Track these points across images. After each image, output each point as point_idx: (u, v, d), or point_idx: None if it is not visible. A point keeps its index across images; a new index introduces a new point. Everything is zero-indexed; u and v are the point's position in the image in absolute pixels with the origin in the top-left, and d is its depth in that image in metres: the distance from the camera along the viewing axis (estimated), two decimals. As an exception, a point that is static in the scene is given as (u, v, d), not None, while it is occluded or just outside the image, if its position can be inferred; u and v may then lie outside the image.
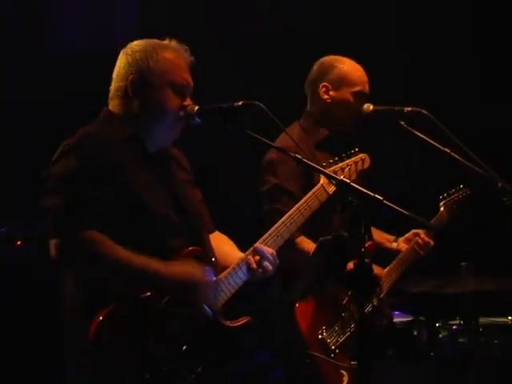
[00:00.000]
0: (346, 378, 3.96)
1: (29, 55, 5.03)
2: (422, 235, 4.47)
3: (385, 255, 4.44)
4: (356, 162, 3.84)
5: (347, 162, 3.81)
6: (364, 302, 3.06)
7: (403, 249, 4.47)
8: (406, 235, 4.52)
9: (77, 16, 5.10)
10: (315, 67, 4.44)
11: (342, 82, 4.35)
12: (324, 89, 4.37)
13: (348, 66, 4.38)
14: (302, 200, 3.65)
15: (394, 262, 4.41)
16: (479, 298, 4.57)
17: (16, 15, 5.04)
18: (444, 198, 4.66)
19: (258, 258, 3.37)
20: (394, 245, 4.48)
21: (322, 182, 3.72)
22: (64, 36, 5.06)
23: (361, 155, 3.89)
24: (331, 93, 4.35)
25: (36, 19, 5.08)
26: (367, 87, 4.37)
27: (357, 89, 4.33)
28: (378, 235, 4.48)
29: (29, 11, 5.06)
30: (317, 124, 4.38)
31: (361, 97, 4.33)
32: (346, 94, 4.33)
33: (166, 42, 3.43)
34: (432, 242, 4.48)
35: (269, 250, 3.39)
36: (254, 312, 3.40)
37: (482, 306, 4.63)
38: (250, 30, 5.48)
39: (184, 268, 3.19)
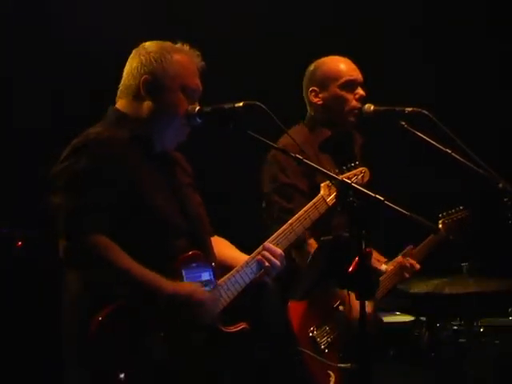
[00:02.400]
0: (332, 379, 3.95)
1: (30, 54, 5.02)
2: (408, 258, 4.46)
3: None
4: (356, 175, 3.85)
5: (347, 174, 3.81)
6: (362, 304, 3.03)
7: None
8: (396, 259, 4.49)
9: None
10: (304, 76, 4.46)
11: (326, 80, 4.35)
12: (313, 93, 4.38)
13: (328, 63, 4.39)
14: (302, 210, 3.66)
15: (386, 275, 4.40)
16: (480, 299, 4.57)
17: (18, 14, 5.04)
18: (443, 217, 4.67)
19: (267, 255, 3.39)
20: (384, 267, 4.44)
21: (322, 193, 3.74)
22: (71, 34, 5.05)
23: (361, 169, 3.90)
24: (320, 95, 4.37)
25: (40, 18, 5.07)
26: (355, 74, 4.35)
27: (342, 80, 4.32)
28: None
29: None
30: (319, 125, 4.39)
31: (350, 85, 4.33)
32: (334, 89, 4.33)
33: (179, 45, 3.43)
34: (418, 266, 4.46)
35: (277, 250, 3.43)
36: (251, 316, 3.41)
37: (482, 306, 4.64)
38: (253, 29, 5.48)
39: (187, 286, 3.19)
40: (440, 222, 4.66)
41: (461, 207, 4.71)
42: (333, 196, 3.72)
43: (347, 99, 4.31)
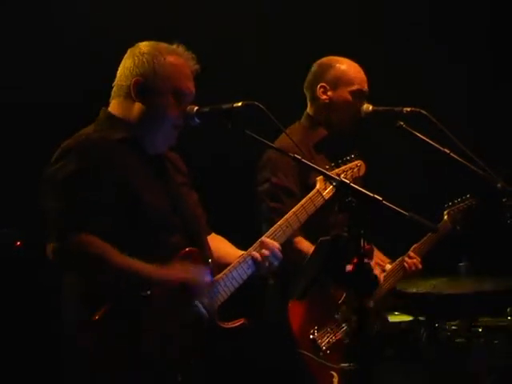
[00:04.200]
0: (336, 380, 3.95)
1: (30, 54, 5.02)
2: (412, 255, 4.47)
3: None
4: (352, 169, 3.87)
5: (343, 168, 3.83)
6: (361, 303, 3.03)
7: None
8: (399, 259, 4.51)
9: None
10: (313, 68, 4.46)
11: (339, 81, 4.35)
12: (322, 89, 4.38)
13: (345, 66, 4.39)
14: (299, 204, 3.68)
15: (388, 272, 4.41)
16: (478, 299, 4.57)
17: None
18: (448, 207, 4.65)
19: (263, 251, 3.40)
20: (388, 267, 4.46)
21: (317, 187, 3.75)
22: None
23: (356, 162, 3.91)
24: (329, 93, 4.37)
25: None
26: (365, 86, 4.37)
27: (354, 88, 4.33)
28: (375, 253, 4.47)
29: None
30: (316, 124, 4.39)
31: (359, 96, 4.34)
32: (344, 93, 4.34)
33: (174, 46, 3.42)
34: (420, 266, 4.46)
35: (275, 244, 3.44)
36: (249, 313, 3.41)
37: (481, 306, 4.64)
38: (253, 29, 5.48)
39: (180, 271, 3.19)
40: (445, 212, 4.63)
41: (467, 195, 4.68)
42: (329, 190, 3.74)
43: (353, 107, 4.31)
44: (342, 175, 3.78)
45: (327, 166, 3.75)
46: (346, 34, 5.55)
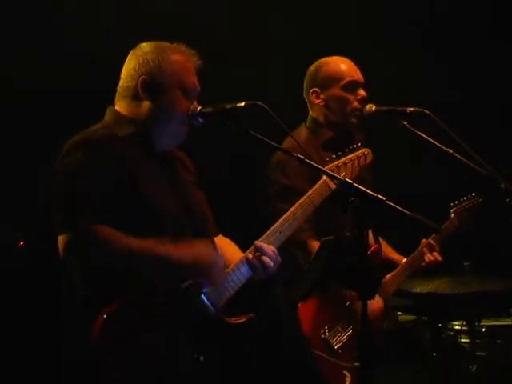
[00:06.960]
0: (348, 379, 3.94)
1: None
2: (432, 244, 4.47)
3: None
4: (359, 157, 3.81)
5: (350, 156, 3.78)
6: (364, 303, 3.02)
7: None
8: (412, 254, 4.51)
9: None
10: (305, 76, 4.46)
11: (328, 81, 4.36)
12: (314, 94, 4.39)
13: (330, 64, 4.40)
14: (305, 196, 3.62)
15: (400, 267, 4.41)
16: (482, 299, 4.57)
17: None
18: (455, 205, 4.65)
19: (258, 254, 3.36)
20: (403, 260, 4.47)
21: (324, 177, 3.70)
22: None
23: (363, 150, 3.85)
24: (322, 96, 4.38)
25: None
26: (356, 75, 4.36)
27: (344, 81, 4.33)
28: (388, 250, 4.47)
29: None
30: (321, 126, 4.39)
31: (352, 87, 4.34)
32: (336, 90, 4.34)
33: (176, 45, 3.45)
34: (440, 258, 4.46)
35: (269, 247, 3.39)
36: (257, 310, 3.40)
37: (484, 306, 4.64)
38: (253, 29, 5.49)
39: (196, 251, 3.22)
40: (452, 210, 4.63)
41: (473, 194, 4.67)
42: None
43: (349, 100, 4.31)
44: (349, 164, 3.74)
45: (334, 156, 3.72)
46: (346, 35, 5.55)
